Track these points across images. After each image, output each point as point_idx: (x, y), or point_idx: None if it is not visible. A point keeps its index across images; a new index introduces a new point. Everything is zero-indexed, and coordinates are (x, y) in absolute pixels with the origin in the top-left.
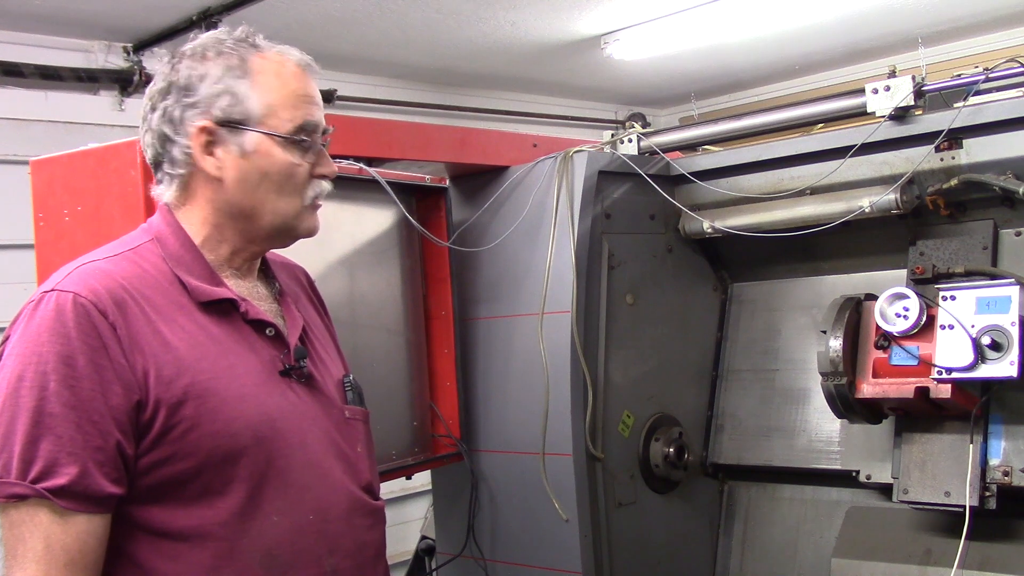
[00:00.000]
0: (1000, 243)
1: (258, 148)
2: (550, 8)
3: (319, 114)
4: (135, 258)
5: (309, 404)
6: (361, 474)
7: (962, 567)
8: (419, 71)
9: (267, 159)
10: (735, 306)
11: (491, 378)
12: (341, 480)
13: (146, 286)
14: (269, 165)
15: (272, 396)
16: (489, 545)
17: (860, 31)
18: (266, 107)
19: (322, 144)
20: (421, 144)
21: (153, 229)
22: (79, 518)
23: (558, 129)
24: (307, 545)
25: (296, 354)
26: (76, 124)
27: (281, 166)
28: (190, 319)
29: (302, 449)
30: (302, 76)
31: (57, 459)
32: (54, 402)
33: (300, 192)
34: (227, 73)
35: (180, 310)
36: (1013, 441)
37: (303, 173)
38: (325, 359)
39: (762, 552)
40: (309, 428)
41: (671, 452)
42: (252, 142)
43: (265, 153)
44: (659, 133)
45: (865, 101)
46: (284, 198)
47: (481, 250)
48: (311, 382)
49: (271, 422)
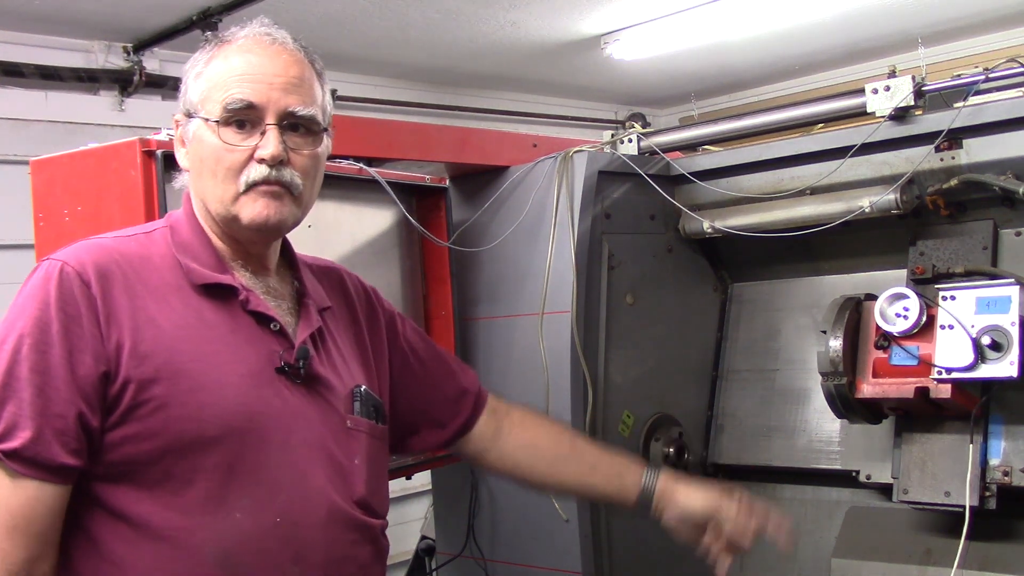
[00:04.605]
0: (1000, 243)
1: (195, 134)
2: (550, 8)
3: (259, 92)
4: (145, 240)
5: (304, 406)
6: (354, 487)
7: (962, 567)
8: (419, 71)
9: (200, 144)
10: (735, 306)
11: (491, 378)
12: (322, 488)
13: (145, 266)
14: (202, 150)
15: (260, 390)
16: (489, 545)
17: (860, 31)
18: (202, 93)
19: (289, 125)
20: (421, 144)
21: (172, 217)
22: (29, 483)
23: (558, 129)
24: (268, 548)
25: (298, 354)
26: (76, 124)
27: (211, 150)
28: (184, 301)
29: (282, 449)
30: (251, 53)
31: (17, 422)
32: (23, 366)
33: (234, 177)
34: (193, 68)
35: (176, 291)
36: (1013, 441)
37: (238, 156)
38: (340, 367)
39: (762, 552)
40: (297, 429)
41: (671, 452)
42: (193, 129)
43: (199, 138)
44: (659, 133)
45: (865, 101)
46: (221, 184)
47: (481, 250)
48: (313, 384)
49: (251, 416)
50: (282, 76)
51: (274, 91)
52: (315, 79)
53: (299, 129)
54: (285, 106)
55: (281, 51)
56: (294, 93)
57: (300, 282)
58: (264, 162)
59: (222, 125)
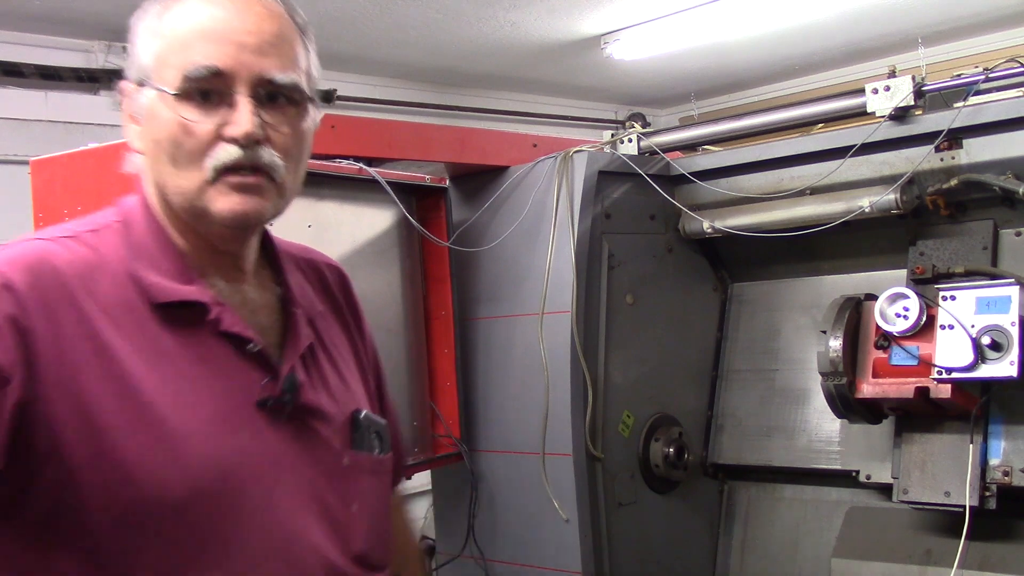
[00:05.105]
0: (1000, 243)
1: (149, 109)
2: (550, 8)
3: (227, 54)
4: (93, 241)
5: (291, 447)
6: (351, 540)
7: (962, 567)
8: (419, 71)
9: (154, 122)
10: (735, 306)
11: (491, 378)
12: (317, 547)
13: (94, 278)
14: (157, 129)
15: (235, 436)
16: (489, 545)
17: (860, 31)
18: (156, 56)
19: (266, 95)
20: (421, 144)
21: (125, 208)
22: None
23: (558, 129)
24: None
25: (285, 384)
26: (76, 124)
27: (167, 128)
28: (138, 327)
29: (263, 508)
30: (215, 5)
31: None
32: None
33: (198, 162)
34: (143, 21)
35: (129, 313)
36: (1013, 441)
37: (201, 136)
38: (336, 388)
39: (762, 552)
40: (283, 480)
41: (671, 452)
42: (146, 103)
43: (153, 114)
44: (659, 133)
45: (865, 101)
46: (181, 171)
47: (481, 250)
48: (303, 417)
49: (223, 471)
50: (255, 34)
51: (246, 53)
52: (297, 37)
53: (278, 100)
54: (260, 71)
55: (253, 1)
56: (271, 55)
57: (285, 286)
58: (236, 142)
59: (181, 98)
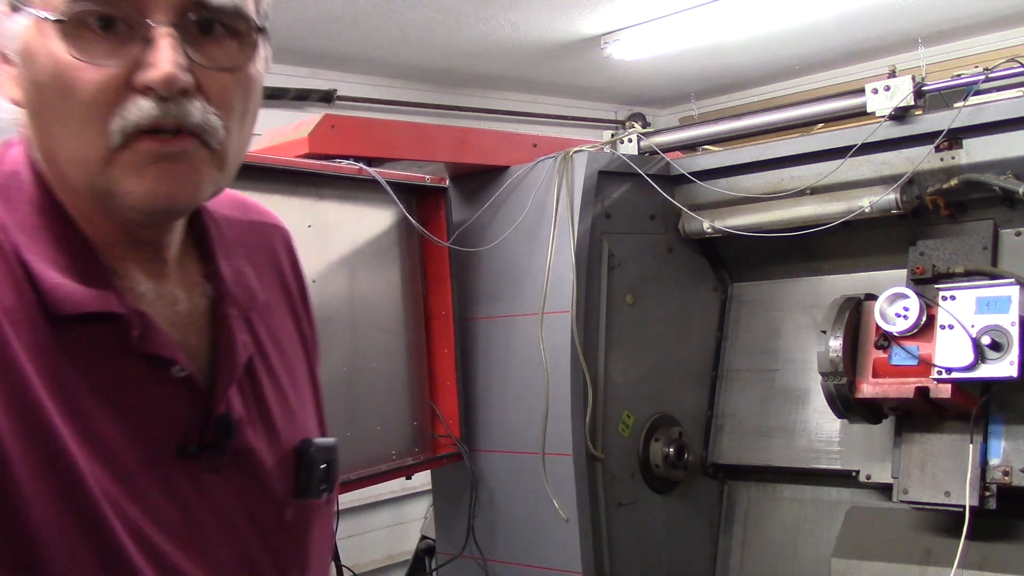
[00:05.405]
0: (1000, 243)
1: (24, 44)
2: (550, 8)
3: None
4: None
5: (221, 505)
6: None
7: (962, 567)
8: (419, 71)
9: (34, 62)
10: (735, 306)
11: (491, 378)
12: None
13: None
14: (38, 71)
15: (146, 499)
16: (489, 545)
17: (860, 31)
18: None
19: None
20: (421, 144)
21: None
22: None
23: (558, 129)
24: None
25: (219, 426)
26: None
27: (50, 73)
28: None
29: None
30: None
31: None
32: None
33: (100, 120)
34: None
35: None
36: (1013, 441)
37: (101, 83)
38: (279, 412)
39: (762, 552)
40: (208, 551)
41: (671, 452)
42: (19, 34)
43: (31, 52)
44: (659, 133)
45: (865, 101)
46: (76, 134)
47: (481, 250)
48: (237, 462)
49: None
50: None
51: None
52: None
53: (213, 31)
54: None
55: None
56: None
57: (218, 278)
58: (153, 93)
59: (70, 28)
